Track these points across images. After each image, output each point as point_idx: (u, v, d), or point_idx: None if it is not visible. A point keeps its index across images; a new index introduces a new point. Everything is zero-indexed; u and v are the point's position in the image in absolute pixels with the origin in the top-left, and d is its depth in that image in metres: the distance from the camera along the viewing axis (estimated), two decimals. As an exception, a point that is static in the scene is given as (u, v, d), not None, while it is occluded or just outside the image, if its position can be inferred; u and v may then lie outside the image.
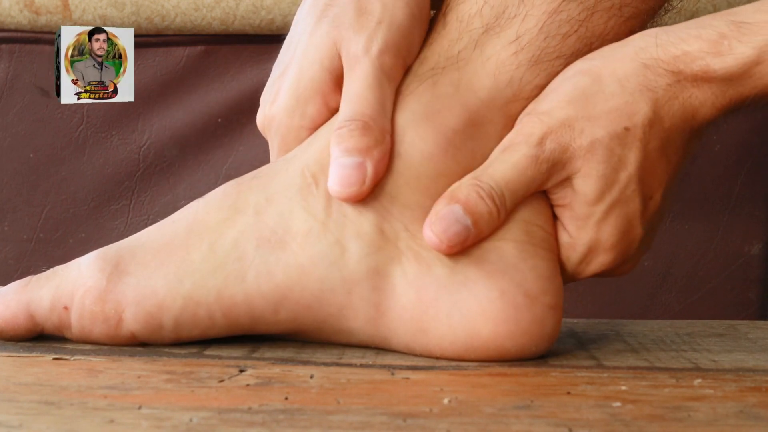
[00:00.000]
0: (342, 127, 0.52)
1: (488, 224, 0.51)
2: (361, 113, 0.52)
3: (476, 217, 0.51)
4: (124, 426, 0.39)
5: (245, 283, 0.52)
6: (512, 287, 0.51)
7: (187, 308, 0.52)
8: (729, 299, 0.82)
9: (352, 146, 0.51)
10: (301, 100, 0.55)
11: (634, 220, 0.53)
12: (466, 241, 0.51)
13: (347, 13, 0.54)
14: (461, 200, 0.51)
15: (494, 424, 0.40)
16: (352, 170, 0.51)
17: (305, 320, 0.52)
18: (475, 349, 0.51)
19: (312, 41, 0.55)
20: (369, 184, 0.51)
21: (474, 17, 0.53)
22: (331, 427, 0.39)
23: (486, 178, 0.51)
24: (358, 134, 0.51)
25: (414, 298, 0.51)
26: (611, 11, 0.53)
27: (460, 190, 0.51)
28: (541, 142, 0.51)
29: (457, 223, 0.50)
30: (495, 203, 0.51)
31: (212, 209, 0.53)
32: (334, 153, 0.51)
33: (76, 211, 0.84)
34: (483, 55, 0.53)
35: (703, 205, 0.81)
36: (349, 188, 0.51)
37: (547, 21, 0.52)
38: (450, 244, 0.50)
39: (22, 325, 0.53)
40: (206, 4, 0.81)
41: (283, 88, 0.55)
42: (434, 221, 0.50)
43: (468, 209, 0.50)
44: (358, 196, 0.51)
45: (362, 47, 0.53)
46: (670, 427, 0.40)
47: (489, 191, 0.51)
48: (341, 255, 0.51)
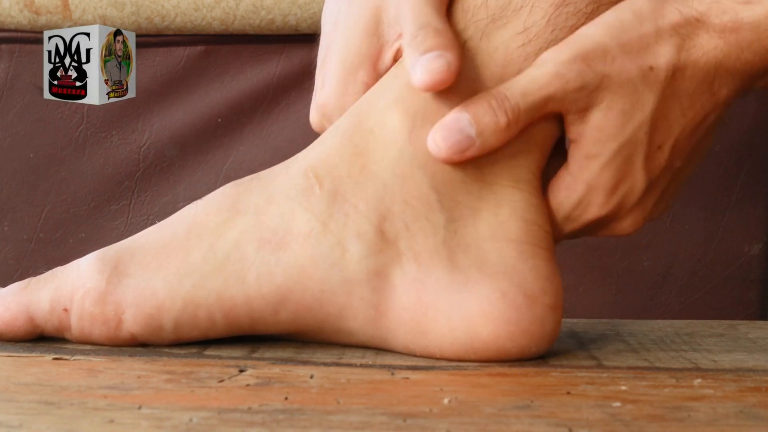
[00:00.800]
0: (415, 36, 0.51)
1: (495, 136, 0.50)
2: (426, 23, 0.52)
3: (482, 127, 0.50)
4: (124, 426, 0.39)
5: (245, 284, 0.52)
6: (512, 288, 0.51)
7: (187, 310, 0.52)
8: (729, 299, 0.81)
9: (430, 45, 0.50)
10: (351, 70, 0.55)
11: (636, 164, 0.52)
12: (467, 151, 0.50)
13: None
14: (470, 109, 0.50)
15: (494, 424, 0.40)
16: (436, 59, 0.50)
17: (305, 321, 0.52)
18: (475, 350, 0.51)
19: (351, 11, 0.55)
20: (454, 70, 0.50)
21: (480, 8, 0.53)
22: (331, 427, 0.39)
23: (502, 88, 0.51)
24: (431, 37, 0.51)
25: (414, 298, 0.51)
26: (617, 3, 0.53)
27: (473, 99, 0.51)
28: (570, 61, 0.51)
29: (460, 132, 0.50)
30: (506, 114, 0.50)
31: (212, 210, 0.53)
32: (413, 57, 0.51)
33: (76, 211, 0.84)
34: (490, 46, 0.53)
35: (703, 205, 0.81)
36: (437, 74, 0.50)
37: (554, 13, 0.52)
38: (449, 152, 0.50)
39: (21, 327, 0.53)
40: (206, 4, 0.81)
41: (330, 70, 0.56)
42: (438, 128, 0.50)
43: (475, 119, 0.50)
44: (445, 81, 0.50)
45: None
46: (670, 427, 0.40)
47: (502, 101, 0.50)
48: (342, 256, 0.51)
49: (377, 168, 0.52)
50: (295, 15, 0.81)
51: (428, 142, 0.50)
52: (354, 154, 0.52)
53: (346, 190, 0.52)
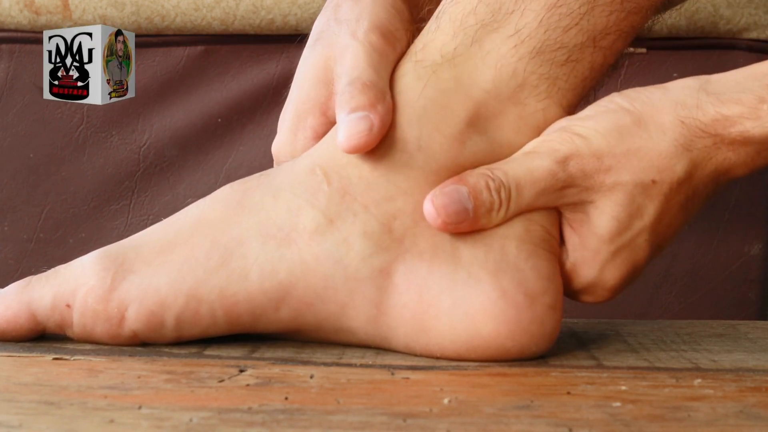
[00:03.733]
0: (343, 93, 0.53)
1: (487, 216, 0.51)
2: (357, 78, 0.53)
3: (478, 204, 0.51)
4: (124, 426, 0.39)
5: (248, 280, 0.52)
6: (513, 287, 0.51)
7: (189, 306, 0.52)
8: (729, 299, 0.81)
9: (355, 105, 0.52)
10: (301, 116, 0.56)
11: (638, 266, 0.53)
12: (461, 224, 0.51)
13: (332, 30, 0.56)
14: (469, 184, 0.51)
15: (494, 424, 0.40)
16: (359, 121, 0.51)
17: (306, 318, 0.52)
18: (476, 349, 0.51)
19: (306, 63, 0.57)
20: (377, 133, 0.51)
21: (468, 16, 0.53)
22: (331, 427, 0.39)
23: (499, 172, 0.51)
24: (358, 93, 0.52)
25: (415, 297, 0.51)
26: (612, 5, 0.53)
27: (471, 174, 0.51)
28: (565, 160, 0.51)
29: (459, 203, 0.51)
30: (500, 197, 0.51)
31: (218, 207, 0.53)
32: (340, 117, 0.52)
33: (76, 211, 0.84)
34: (482, 50, 0.53)
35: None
36: (358, 138, 0.51)
37: (546, 15, 0.53)
38: (447, 220, 0.50)
39: (23, 324, 0.53)
40: (206, 4, 0.81)
41: (283, 116, 0.57)
42: (437, 195, 0.51)
43: (473, 194, 0.51)
44: (366, 145, 0.51)
45: (348, 36, 0.55)
46: (670, 427, 0.40)
47: (498, 184, 0.51)
48: (346, 253, 0.51)
49: (388, 171, 0.52)
50: (295, 15, 0.81)
51: (426, 205, 0.51)
52: (363, 156, 0.53)
53: (356, 190, 0.52)
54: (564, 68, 0.53)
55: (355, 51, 0.54)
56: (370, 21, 0.55)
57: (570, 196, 0.52)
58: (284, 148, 0.57)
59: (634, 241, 0.52)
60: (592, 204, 0.52)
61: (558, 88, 0.53)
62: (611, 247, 0.52)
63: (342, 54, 0.55)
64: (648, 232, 0.52)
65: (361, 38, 0.55)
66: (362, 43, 0.54)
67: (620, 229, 0.52)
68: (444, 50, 0.53)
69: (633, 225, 0.52)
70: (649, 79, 0.80)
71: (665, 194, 0.52)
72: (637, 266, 0.53)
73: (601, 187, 0.51)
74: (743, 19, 0.79)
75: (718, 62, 0.81)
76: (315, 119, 0.56)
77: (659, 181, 0.51)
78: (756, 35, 0.80)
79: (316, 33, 0.58)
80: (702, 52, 0.81)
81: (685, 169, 0.51)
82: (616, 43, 0.54)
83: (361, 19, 0.56)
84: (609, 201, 0.52)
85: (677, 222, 0.53)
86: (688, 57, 0.81)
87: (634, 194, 0.51)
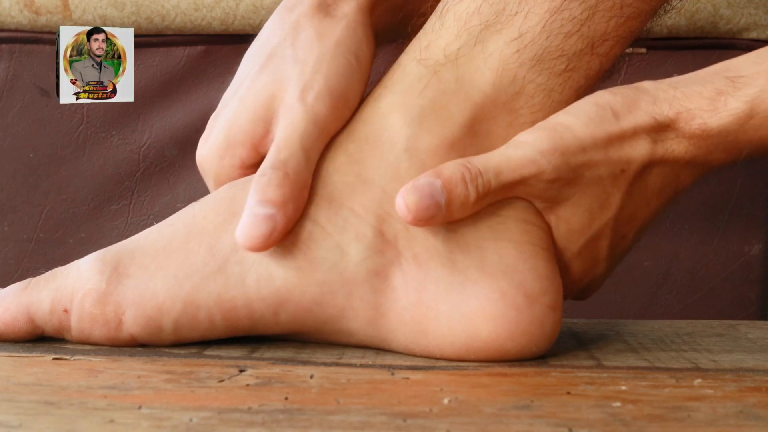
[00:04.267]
0: (263, 174, 0.52)
1: (461, 209, 0.50)
2: (284, 163, 0.52)
3: (451, 198, 0.50)
4: (124, 426, 0.39)
5: (245, 286, 0.52)
6: (512, 288, 0.51)
7: (187, 311, 0.52)
8: (729, 299, 0.81)
9: (267, 198, 0.51)
10: (232, 143, 0.55)
11: (600, 255, 0.54)
12: (433, 219, 0.50)
13: (287, 65, 0.55)
14: (444, 176, 0.50)
15: (494, 424, 0.40)
16: (262, 221, 0.51)
17: (305, 322, 0.52)
18: (475, 350, 0.51)
19: (251, 89, 0.55)
20: (276, 237, 0.51)
21: (472, 15, 0.53)
22: (331, 427, 0.39)
23: (477, 162, 0.51)
24: (275, 185, 0.51)
25: (414, 299, 0.51)
26: (612, 11, 0.53)
27: (447, 166, 0.51)
28: (549, 152, 0.51)
29: (430, 198, 0.50)
30: (477, 190, 0.50)
31: (209, 212, 0.53)
32: (250, 201, 0.51)
33: (76, 211, 0.84)
34: (485, 52, 0.53)
35: (703, 206, 0.81)
36: (255, 240, 0.51)
37: (549, 19, 0.52)
38: (417, 216, 0.49)
39: (22, 327, 0.53)
40: (206, 4, 0.81)
41: (216, 130, 0.56)
42: (409, 190, 0.50)
43: (447, 187, 0.50)
44: (261, 248, 0.51)
45: (297, 95, 0.54)
46: (670, 427, 0.40)
47: (475, 175, 0.50)
48: (341, 258, 0.51)
49: (374, 176, 0.52)
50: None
51: (397, 201, 0.50)
52: (347, 163, 0.53)
53: (343, 195, 0.52)
54: (560, 78, 0.53)
55: (296, 120, 0.53)
56: (325, 80, 0.54)
57: (552, 190, 0.52)
58: (208, 163, 0.56)
59: (600, 230, 0.53)
60: (569, 200, 0.52)
61: (552, 100, 0.53)
62: (580, 241, 0.53)
63: (285, 113, 0.54)
64: (612, 221, 0.53)
65: (308, 104, 0.53)
66: (307, 112, 0.53)
67: (591, 220, 0.52)
68: (448, 50, 0.53)
69: (602, 215, 0.52)
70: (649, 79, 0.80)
71: (630, 183, 0.52)
72: (599, 256, 0.53)
73: (581, 181, 0.52)
74: (743, 19, 0.79)
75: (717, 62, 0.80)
76: (246, 152, 0.55)
77: (626, 170, 0.52)
78: (756, 35, 0.80)
79: (269, 49, 0.56)
80: (702, 52, 0.81)
81: (648, 159, 0.52)
82: (613, 49, 0.54)
83: (316, 73, 0.54)
84: (585, 195, 0.52)
85: (639, 213, 0.53)
86: (688, 57, 0.81)
87: (605, 184, 0.52)
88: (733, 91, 0.51)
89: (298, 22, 0.57)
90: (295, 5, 0.58)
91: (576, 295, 0.56)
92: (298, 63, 0.55)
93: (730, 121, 0.51)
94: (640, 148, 0.52)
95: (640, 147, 0.52)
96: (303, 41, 0.56)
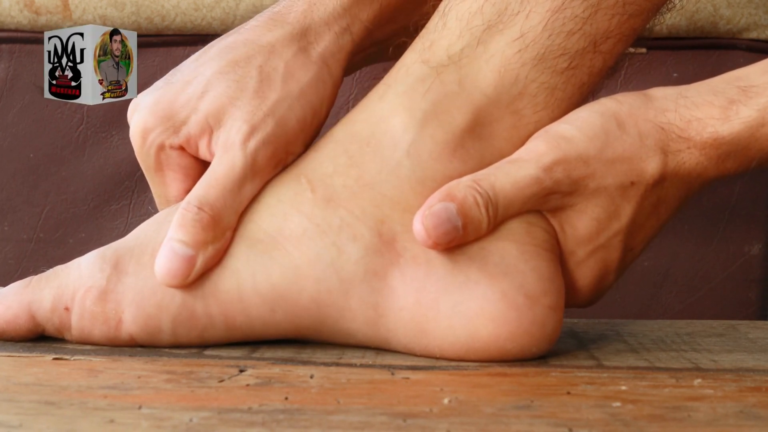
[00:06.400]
0: (189, 210, 0.52)
1: (475, 232, 0.51)
2: (212, 204, 0.52)
3: (467, 221, 0.50)
4: (124, 426, 0.39)
5: (241, 280, 0.52)
6: (513, 288, 0.51)
7: (185, 306, 0.52)
8: (729, 299, 0.81)
9: (189, 238, 0.51)
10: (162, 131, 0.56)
11: (610, 267, 0.54)
12: (452, 242, 0.50)
13: (247, 87, 0.55)
14: (458, 200, 0.50)
15: (494, 424, 0.40)
16: (182, 262, 0.51)
17: (303, 321, 0.52)
18: (476, 350, 0.51)
19: (206, 90, 0.55)
20: (194, 277, 0.51)
21: (475, 15, 0.53)
22: (331, 427, 0.39)
23: (486, 185, 0.51)
24: (199, 226, 0.52)
25: (413, 299, 0.51)
26: (614, 9, 0.53)
27: (458, 188, 0.51)
28: (551, 167, 0.51)
29: (448, 222, 0.50)
30: (488, 213, 0.51)
31: None
32: (171, 233, 0.52)
33: (76, 211, 0.84)
34: (487, 53, 0.53)
35: (703, 206, 0.81)
36: (173, 279, 0.51)
37: (551, 18, 0.52)
38: (437, 241, 0.50)
39: (23, 325, 0.53)
40: (206, 4, 0.81)
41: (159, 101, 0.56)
42: (427, 215, 0.50)
43: (462, 211, 0.50)
44: (179, 286, 0.52)
45: (242, 137, 0.54)
46: (670, 427, 0.40)
47: (486, 199, 0.51)
48: (338, 257, 0.51)
49: (374, 180, 0.52)
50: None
51: (416, 226, 0.50)
52: (348, 165, 0.53)
53: (341, 197, 0.52)
54: (563, 76, 0.53)
55: (234, 162, 0.53)
56: (274, 128, 0.54)
57: (553, 200, 0.52)
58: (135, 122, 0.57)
59: (609, 241, 0.53)
60: (573, 207, 0.52)
61: (555, 98, 0.53)
62: (588, 247, 0.53)
63: (226, 149, 0.54)
64: (623, 233, 0.53)
65: (249, 149, 0.53)
66: (246, 158, 0.53)
67: (599, 229, 0.52)
68: (451, 51, 0.53)
69: (611, 226, 0.52)
70: (649, 79, 0.80)
71: (641, 195, 0.52)
72: (609, 268, 0.53)
73: (584, 191, 0.52)
74: (743, 19, 0.79)
75: (718, 62, 0.81)
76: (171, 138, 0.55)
77: (637, 183, 0.52)
78: (756, 35, 0.80)
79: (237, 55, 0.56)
80: (702, 52, 0.81)
81: (660, 171, 0.52)
82: (616, 46, 0.54)
83: (268, 117, 0.54)
84: (590, 203, 0.52)
85: (649, 225, 0.53)
86: (688, 57, 0.81)
87: (614, 196, 0.52)
88: (745, 99, 0.51)
89: (274, 47, 0.56)
90: (280, 23, 0.57)
91: (581, 305, 0.56)
92: (257, 96, 0.54)
93: (741, 129, 0.51)
94: (650, 161, 0.52)
95: (651, 160, 0.52)
96: (270, 72, 0.55)
